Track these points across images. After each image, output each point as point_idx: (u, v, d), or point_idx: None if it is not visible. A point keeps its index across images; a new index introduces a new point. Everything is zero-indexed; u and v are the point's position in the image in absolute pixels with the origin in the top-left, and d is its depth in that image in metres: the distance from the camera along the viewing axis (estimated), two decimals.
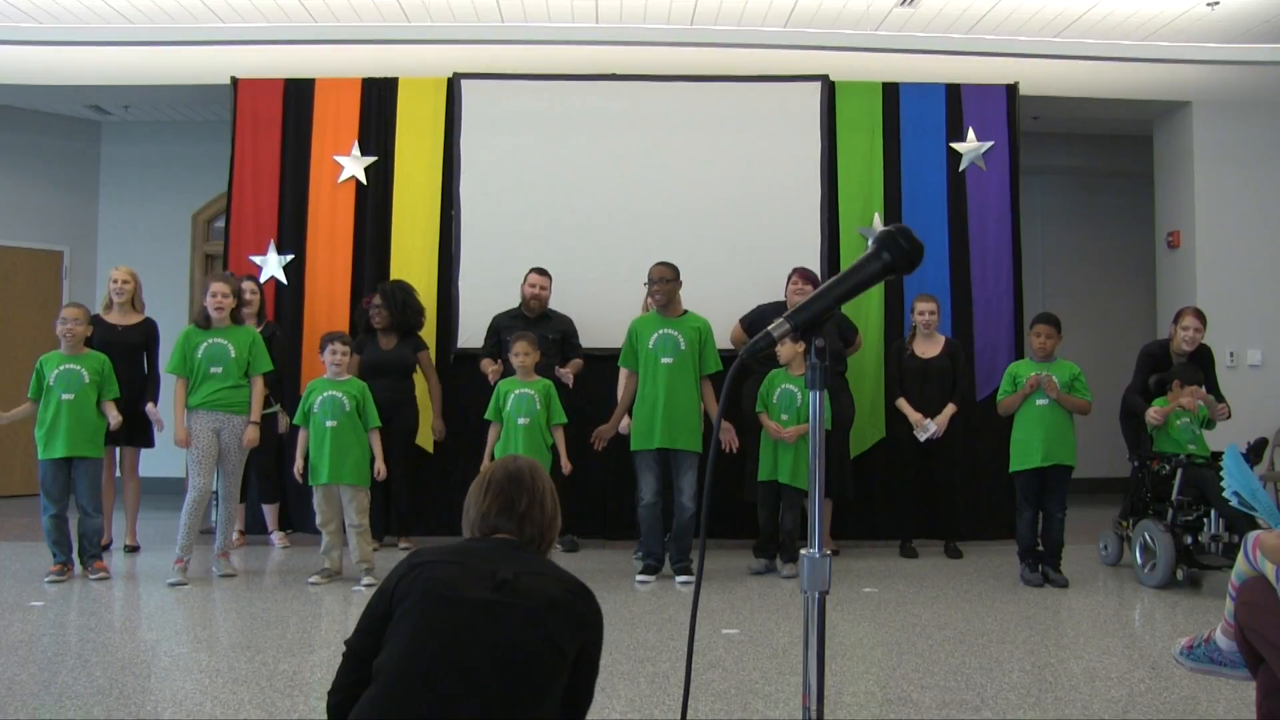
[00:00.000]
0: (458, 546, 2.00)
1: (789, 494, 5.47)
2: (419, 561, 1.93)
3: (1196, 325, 5.74)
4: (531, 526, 2.04)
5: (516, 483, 2.07)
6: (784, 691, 3.48)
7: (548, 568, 1.98)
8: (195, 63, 7.19)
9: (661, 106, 6.89)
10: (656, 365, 5.41)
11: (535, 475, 2.11)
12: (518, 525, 2.03)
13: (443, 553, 1.95)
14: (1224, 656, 2.58)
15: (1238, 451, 2.64)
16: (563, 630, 1.86)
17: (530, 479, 2.09)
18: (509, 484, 2.06)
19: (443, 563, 1.91)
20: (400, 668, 1.79)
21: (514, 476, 2.08)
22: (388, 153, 6.90)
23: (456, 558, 1.93)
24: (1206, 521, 5.12)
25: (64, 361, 5.31)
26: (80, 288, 8.67)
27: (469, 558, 1.94)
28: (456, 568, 1.90)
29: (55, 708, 3.25)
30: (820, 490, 1.64)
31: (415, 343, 6.33)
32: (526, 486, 2.07)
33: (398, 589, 1.89)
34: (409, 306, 6.31)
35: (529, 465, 2.13)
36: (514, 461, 2.13)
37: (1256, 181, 7.48)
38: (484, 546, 2.00)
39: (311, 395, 5.34)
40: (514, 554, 1.97)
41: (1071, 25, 6.91)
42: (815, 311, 1.63)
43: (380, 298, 6.23)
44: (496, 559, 1.93)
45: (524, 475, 2.09)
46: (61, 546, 5.26)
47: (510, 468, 2.10)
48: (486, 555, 1.95)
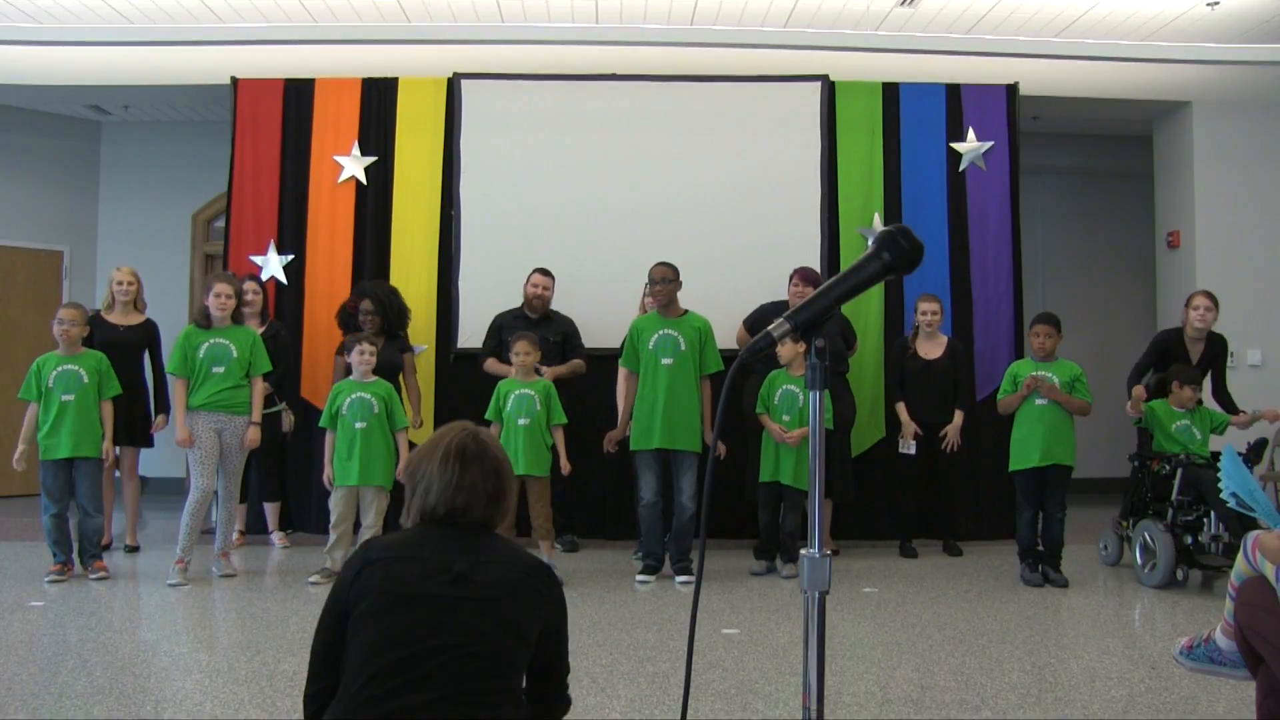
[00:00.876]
0: (412, 538, 1.94)
1: (791, 495, 5.47)
2: (374, 558, 1.88)
3: (1207, 304, 5.76)
4: (490, 505, 1.97)
5: (477, 460, 1.97)
6: (784, 691, 3.48)
7: (504, 551, 1.93)
8: (195, 63, 7.19)
9: (661, 106, 6.89)
10: (657, 366, 5.41)
11: (493, 450, 2.01)
12: (478, 506, 1.95)
13: (397, 547, 1.91)
14: (1224, 656, 2.58)
15: (1235, 452, 2.64)
16: (523, 614, 1.86)
17: (490, 455, 1.99)
18: (468, 462, 1.96)
19: (398, 559, 1.87)
20: (365, 671, 1.78)
21: (474, 454, 1.97)
22: (388, 153, 6.90)
23: (411, 551, 1.88)
24: (1206, 521, 5.12)
25: (62, 362, 5.30)
26: (80, 288, 8.67)
27: (424, 549, 1.89)
28: (413, 564, 1.85)
29: (55, 708, 3.25)
30: (820, 490, 1.64)
31: (400, 344, 6.31)
32: (487, 465, 1.97)
33: (354, 586, 1.85)
34: (399, 308, 6.31)
35: (488, 439, 2.03)
36: (471, 437, 2.01)
37: (1256, 181, 7.48)
38: (438, 536, 1.92)
39: (339, 397, 5.35)
40: (470, 540, 1.92)
41: (1071, 25, 6.91)
42: (815, 311, 1.64)
43: (371, 303, 6.19)
44: (452, 549, 1.88)
45: (484, 452, 1.99)
46: (62, 546, 5.26)
47: (469, 445, 1.99)
48: (442, 545, 1.89)
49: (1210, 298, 5.83)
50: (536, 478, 5.45)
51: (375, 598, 1.82)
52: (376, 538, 1.95)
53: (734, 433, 5.86)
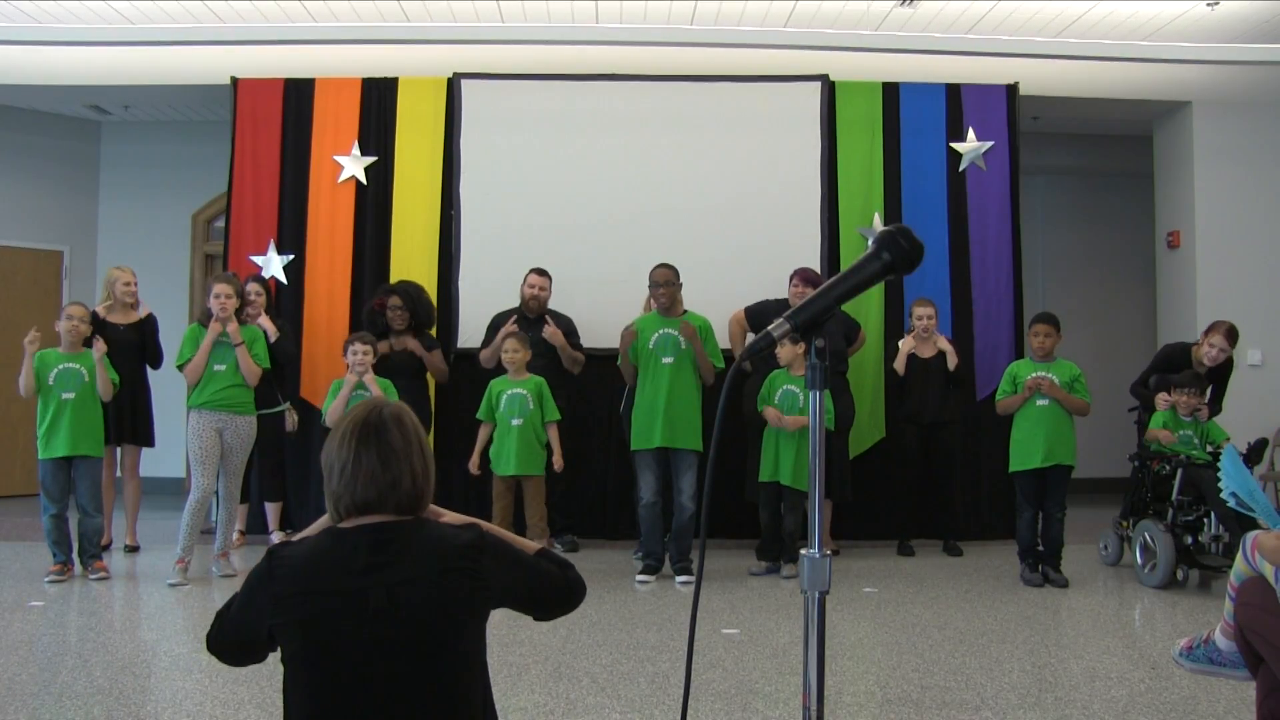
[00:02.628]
0: (318, 556, 1.74)
1: (790, 495, 5.47)
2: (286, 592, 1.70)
3: (1223, 345, 5.70)
4: (400, 494, 1.78)
5: (379, 440, 1.78)
6: (784, 691, 3.48)
7: (421, 545, 1.75)
8: (195, 63, 7.19)
9: (661, 106, 6.89)
10: (657, 365, 5.42)
11: (400, 426, 1.81)
12: (390, 496, 1.77)
13: (307, 573, 1.72)
14: (1223, 657, 2.58)
15: (1235, 452, 2.64)
16: (461, 601, 1.73)
17: (396, 432, 1.80)
18: (371, 445, 1.77)
19: (315, 594, 1.70)
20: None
21: (374, 432, 1.78)
22: (388, 153, 6.89)
23: (324, 583, 1.70)
24: (1207, 521, 5.12)
25: (63, 360, 5.31)
26: (80, 288, 8.67)
27: (336, 574, 1.70)
28: (333, 600, 1.68)
29: (55, 708, 3.25)
30: (820, 490, 1.64)
31: (427, 341, 6.33)
32: (392, 445, 1.78)
33: (275, 614, 1.71)
34: (427, 305, 6.38)
35: (391, 415, 1.81)
36: (374, 412, 1.81)
37: (1256, 181, 7.48)
38: (347, 549, 1.73)
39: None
40: (385, 543, 1.73)
41: (1071, 25, 6.90)
42: (815, 311, 1.63)
43: (400, 298, 6.23)
44: (366, 566, 1.70)
45: (386, 430, 1.79)
46: (61, 546, 5.26)
47: (371, 420, 1.80)
48: (355, 563, 1.71)
49: (1230, 338, 5.71)
50: (531, 477, 5.45)
51: (301, 648, 1.70)
52: (285, 552, 1.76)
53: (734, 433, 5.85)
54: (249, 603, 1.77)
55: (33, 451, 5.33)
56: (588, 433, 6.60)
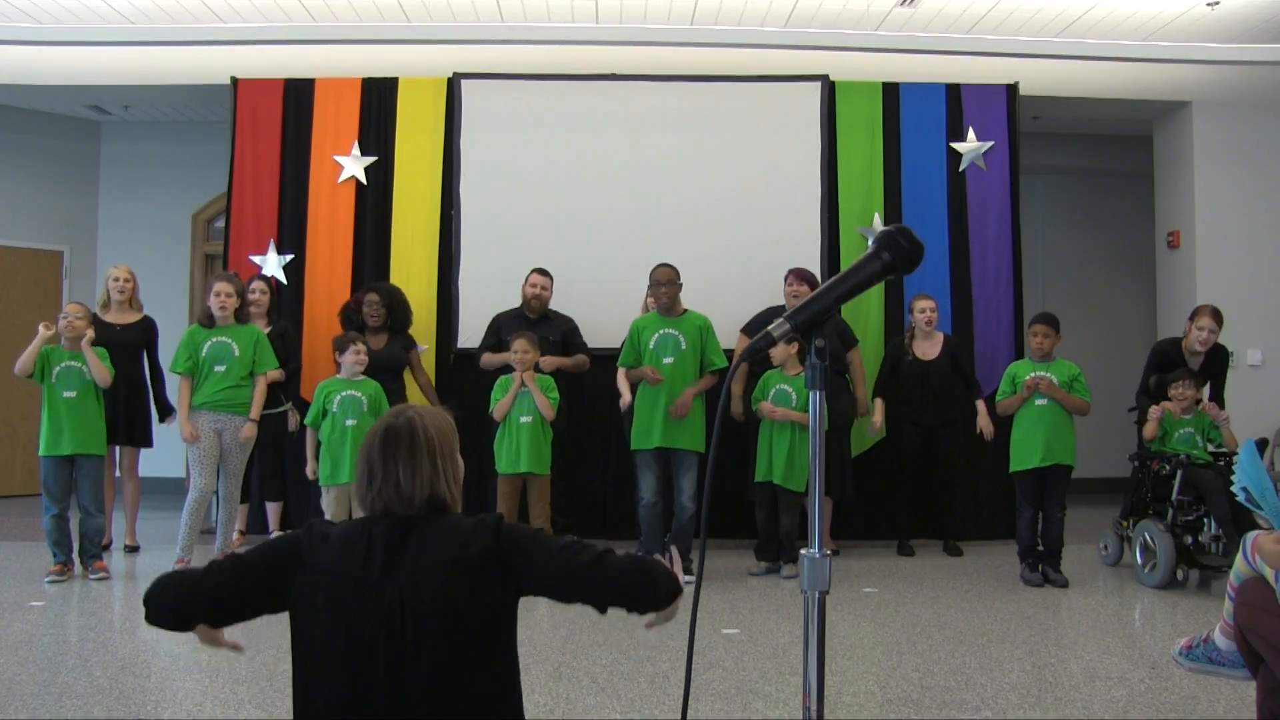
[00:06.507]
0: (349, 542, 1.78)
1: (783, 495, 5.47)
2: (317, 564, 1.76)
3: (1211, 326, 5.68)
4: (421, 491, 1.81)
5: (393, 445, 1.83)
6: (784, 691, 3.48)
7: (442, 531, 1.78)
8: (195, 63, 7.18)
9: (661, 106, 6.88)
10: (658, 365, 5.42)
11: (417, 431, 1.84)
12: (409, 497, 1.81)
13: (338, 556, 1.77)
14: (1223, 657, 2.57)
15: (1254, 448, 2.57)
16: (484, 584, 1.75)
17: (411, 438, 1.83)
18: (387, 450, 1.82)
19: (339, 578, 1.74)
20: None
21: (391, 438, 1.83)
22: (388, 153, 6.89)
23: (347, 562, 1.75)
24: (1207, 522, 5.12)
25: (65, 359, 5.31)
26: (80, 288, 8.67)
27: (358, 566, 1.74)
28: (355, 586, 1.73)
29: (55, 708, 3.25)
30: (820, 490, 1.64)
31: (405, 341, 6.33)
32: (405, 447, 1.82)
33: (294, 586, 1.76)
34: (404, 305, 6.35)
35: (411, 420, 1.86)
36: (395, 418, 1.87)
37: (1256, 181, 7.48)
38: (368, 545, 1.76)
39: (329, 396, 5.35)
40: (402, 540, 1.77)
41: (1071, 25, 6.91)
42: (815, 311, 1.63)
43: (378, 295, 6.24)
44: (384, 563, 1.74)
45: (401, 436, 1.83)
46: (62, 546, 5.26)
47: (393, 426, 1.85)
48: (374, 560, 1.74)
49: (1216, 318, 5.69)
50: (538, 475, 5.45)
51: (327, 627, 1.73)
52: (323, 530, 1.82)
53: (734, 433, 5.85)
54: (273, 564, 1.80)
55: (33, 452, 5.33)
56: (588, 432, 6.59)
